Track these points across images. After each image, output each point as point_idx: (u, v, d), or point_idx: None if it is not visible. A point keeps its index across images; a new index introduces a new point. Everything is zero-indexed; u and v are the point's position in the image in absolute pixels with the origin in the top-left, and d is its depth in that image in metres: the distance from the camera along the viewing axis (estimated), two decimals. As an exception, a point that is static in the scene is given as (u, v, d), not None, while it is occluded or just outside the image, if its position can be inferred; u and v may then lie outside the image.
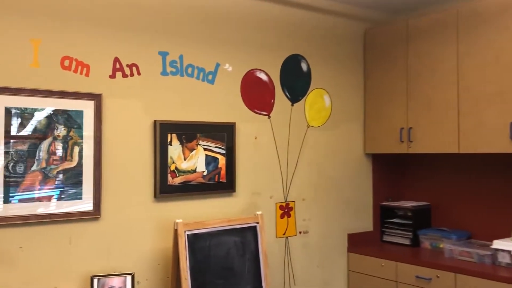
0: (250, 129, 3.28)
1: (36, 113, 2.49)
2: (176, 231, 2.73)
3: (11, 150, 2.42)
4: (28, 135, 2.47)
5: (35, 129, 2.49)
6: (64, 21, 2.58)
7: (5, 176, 2.39)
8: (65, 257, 2.57)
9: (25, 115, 2.47)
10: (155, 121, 2.87)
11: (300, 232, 3.49)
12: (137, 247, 2.79)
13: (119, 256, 2.73)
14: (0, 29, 2.41)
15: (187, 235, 2.75)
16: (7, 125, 2.41)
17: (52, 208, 2.52)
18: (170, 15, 2.95)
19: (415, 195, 3.87)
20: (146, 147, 2.85)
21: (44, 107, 2.52)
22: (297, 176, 3.50)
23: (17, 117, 2.44)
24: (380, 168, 3.93)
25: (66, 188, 2.57)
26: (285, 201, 3.45)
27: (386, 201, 3.87)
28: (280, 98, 3.44)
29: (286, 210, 3.45)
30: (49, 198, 2.52)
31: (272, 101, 3.41)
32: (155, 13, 2.89)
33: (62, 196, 2.56)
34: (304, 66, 3.57)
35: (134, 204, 2.79)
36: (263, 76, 3.37)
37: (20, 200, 2.43)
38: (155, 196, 2.87)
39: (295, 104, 3.51)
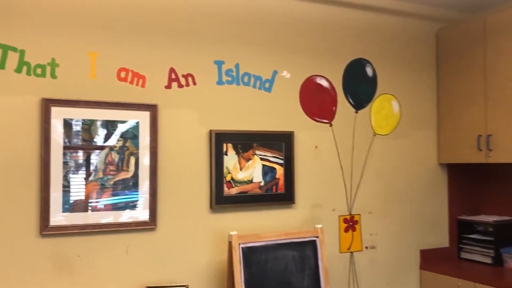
0: (310, 138, 3.14)
1: (93, 124, 2.55)
2: (230, 243, 2.66)
3: (69, 160, 2.48)
4: (86, 145, 2.53)
5: (92, 140, 2.54)
6: (120, 33, 2.63)
7: (63, 186, 2.46)
8: (122, 267, 2.58)
9: (83, 126, 2.53)
10: (210, 130, 2.83)
11: (366, 247, 3.28)
12: (192, 258, 2.75)
13: (174, 267, 2.70)
14: (60, 44, 2.49)
15: (242, 248, 2.66)
16: (66, 136, 2.48)
17: (109, 218, 2.55)
18: (225, 23, 2.91)
19: (496, 209, 3.50)
20: (201, 157, 2.81)
21: (101, 118, 2.57)
22: (363, 188, 3.29)
23: (76, 129, 2.50)
24: (457, 179, 3.61)
25: (122, 198, 2.60)
26: (350, 214, 3.25)
27: (464, 215, 3.54)
28: (343, 105, 3.27)
29: (350, 223, 3.25)
30: (106, 208, 2.55)
31: (334, 108, 3.25)
32: (210, 22, 2.87)
33: (119, 206, 2.58)
34: (369, 71, 3.38)
35: (190, 214, 2.76)
36: (324, 83, 3.22)
37: (78, 210, 2.48)
38: (210, 206, 2.82)
39: (359, 111, 3.33)
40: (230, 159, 2.88)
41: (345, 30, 3.28)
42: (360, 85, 3.33)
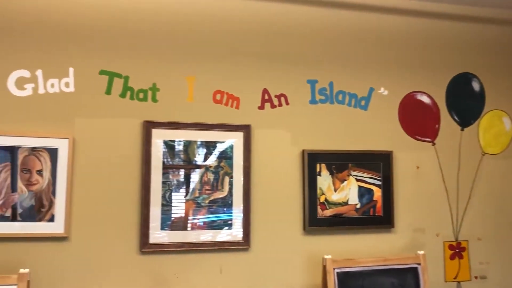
0: (411, 158, 2.97)
1: (190, 145, 2.63)
2: (324, 267, 2.57)
3: (168, 180, 2.58)
4: (183, 165, 2.61)
5: (189, 160, 2.62)
6: (215, 58, 2.71)
7: (162, 205, 2.56)
8: (216, 287, 2.60)
9: (181, 147, 2.62)
10: (303, 150, 2.79)
11: (475, 277, 2.99)
12: (285, 281, 2.70)
13: (267, 289, 2.67)
14: (160, 69, 2.62)
15: (337, 272, 2.56)
16: (165, 156, 2.58)
17: (204, 236, 2.60)
18: (318, 42, 2.88)
19: None
20: (294, 177, 2.78)
21: (198, 139, 2.64)
22: (471, 212, 3.03)
23: (174, 149, 2.60)
24: None
25: (217, 218, 2.64)
26: (456, 240, 3.00)
27: None
28: (447, 122, 3.05)
29: (457, 250, 3.00)
30: (201, 227, 2.61)
31: (437, 126, 3.04)
32: (303, 42, 2.86)
33: (214, 225, 2.62)
34: (475, 86, 3.13)
35: (283, 236, 2.73)
36: (425, 99, 3.04)
37: (176, 228, 2.56)
38: (304, 228, 2.76)
39: (465, 129, 3.08)
40: (324, 180, 2.80)
41: (446, 43, 3.08)
42: (466, 101, 3.10)
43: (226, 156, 2.68)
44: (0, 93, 2.39)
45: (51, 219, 2.38)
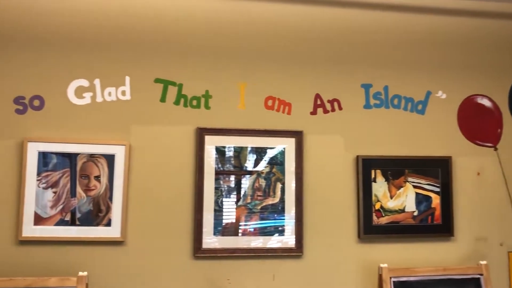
0: (471, 164, 2.83)
1: (242, 151, 2.63)
2: (380, 276, 2.50)
3: (220, 186, 2.59)
4: (235, 171, 2.62)
5: (241, 166, 2.62)
6: (266, 64, 2.70)
7: (215, 210, 2.57)
8: (268, 293, 2.58)
9: (233, 153, 2.63)
10: (357, 156, 2.73)
11: (544, 291, 2.81)
12: (339, 290, 2.64)
13: (318, 298, 2.62)
14: (213, 77, 2.65)
15: (393, 281, 2.48)
16: (217, 162, 2.60)
17: (255, 242, 2.59)
18: (372, 46, 2.81)
19: None
20: (348, 184, 2.72)
21: (249, 145, 2.64)
22: (538, 220, 2.85)
23: (226, 155, 2.61)
24: None
25: (268, 224, 2.62)
26: (522, 250, 2.83)
27: None
28: (510, 126, 2.90)
29: (523, 261, 2.82)
30: (253, 233, 2.60)
31: (499, 130, 2.90)
32: (356, 46, 2.80)
33: (265, 232, 2.61)
34: (541, 87, 2.96)
35: (336, 243, 2.67)
36: (486, 102, 2.90)
37: (228, 233, 2.57)
38: (358, 236, 2.69)
39: (531, 133, 2.91)
40: (379, 187, 2.72)
41: (508, 44, 2.92)
42: (531, 103, 2.93)
43: (278, 162, 2.66)
44: (61, 102, 2.48)
45: (108, 224, 2.44)
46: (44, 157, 2.41)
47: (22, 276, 2.26)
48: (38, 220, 2.38)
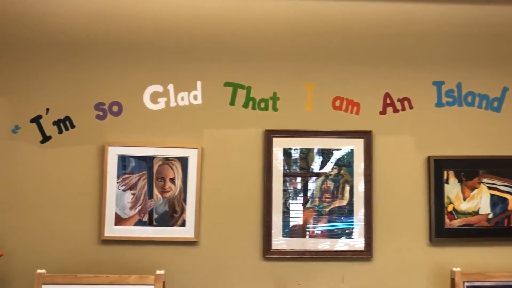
0: (552, 164, 2.68)
1: (310, 153, 2.65)
2: (453, 280, 2.45)
3: (288, 187, 2.63)
4: (303, 173, 2.64)
5: (309, 168, 2.64)
6: (334, 64, 2.69)
7: (283, 212, 2.61)
8: (337, 294, 2.61)
9: (301, 154, 2.65)
10: (428, 157, 2.67)
11: None
12: (410, 293, 2.61)
13: (391, 301, 2.61)
14: (280, 78, 2.67)
15: (467, 286, 2.42)
16: (285, 164, 2.63)
17: (324, 245, 2.61)
18: (443, 40, 2.72)
19: None
20: (419, 185, 2.66)
21: (317, 147, 2.65)
22: None
23: (294, 157, 2.64)
24: None
25: (337, 226, 2.63)
26: None
27: None
28: None
29: None
30: (322, 235, 2.62)
31: None
32: (427, 43, 2.72)
33: (334, 234, 2.62)
34: None
35: (407, 246, 2.63)
36: None
37: (296, 235, 2.61)
38: (430, 239, 2.64)
39: None
40: (452, 188, 2.65)
41: None
42: None
43: (346, 164, 2.65)
44: (138, 107, 2.61)
45: (183, 224, 2.55)
46: (123, 160, 2.55)
47: (105, 273, 2.42)
48: (118, 220, 2.53)
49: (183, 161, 2.58)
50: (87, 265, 2.50)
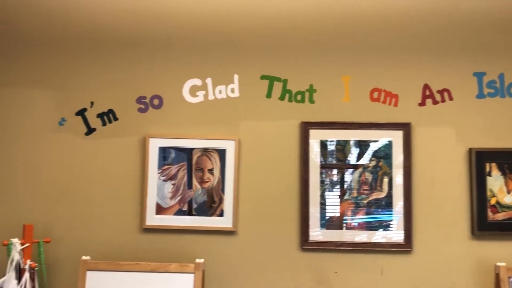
0: None
1: (347, 144, 2.64)
2: (497, 275, 2.38)
3: (325, 179, 2.63)
4: (340, 165, 2.64)
5: (346, 160, 2.64)
6: (371, 55, 2.68)
7: (320, 204, 2.61)
8: None
9: (337, 146, 2.65)
10: (470, 149, 2.61)
11: None
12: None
13: (431, 295, 2.56)
14: (317, 71, 2.68)
15: (512, 282, 2.35)
16: (322, 156, 2.64)
17: (362, 237, 2.59)
18: (484, 30, 2.66)
19: None
20: (460, 178, 2.61)
21: (354, 139, 2.64)
22: None
23: (330, 149, 2.64)
24: None
25: (376, 218, 2.61)
26: None
27: None
28: None
29: None
30: (360, 227, 2.60)
31: None
32: (465, 32, 2.66)
33: (372, 226, 2.60)
34: None
35: (448, 240, 2.58)
36: None
37: (333, 227, 2.60)
38: (472, 233, 2.58)
39: None
40: (495, 181, 2.58)
41: None
42: None
43: (384, 156, 2.63)
44: (177, 100, 2.68)
45: (221, 214, 2.60)
46: (163, 152, 2.63)
47: (146, 261, 2.49)
48: (159, 209, 2.60)
49: (221, 153, 2.62)
50: (129, 253, 2.58)
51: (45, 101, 2.68)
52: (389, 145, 2.64)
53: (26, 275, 2.30)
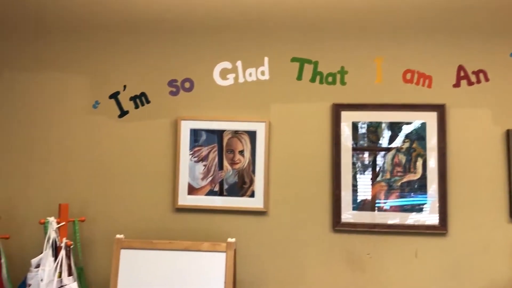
0: None
1: (379, 126, 2.61)
2: (537, 258, 2.29)
3: (357, 161, 2.60)
4: (372, 147, 2.60)
5: (378, 142, 2.60)
6: (404, 36, 2.64)
7: (352, 185, 2.58)
8: (411, 271, 2.53)
9: (370, 128, 2.61)
10: (507, 130, 2.54)
11: None
12: (487, 272, 2.49)
13: (466, 279, 2.49)
14: (348, 52, 2.66)
15: (553, 264, 2.26)
16: (354, 138, 2.61)
17: (395, 219, 2.55)
18: (523, 8, 2.58)
19: None
20: (497, 159, 2.54)
21: (387, 120, 2.60)
22: None
23: (362, 131, 2.61)
24: None
25: (410, 200, 2.56)
26: None
27: None
28: None
29: None
30: (392, 209, 2.56)
31: None
32: (503, 11, 2.59)
33: (405, 208, 2.55)
34: None
35: (485, 223, 2.51)
36: None
37: (365, 209, 2.57)
38: (510, 216, 2.50)
39: None
40: (534, 162, 2.50)
41: None
42: None
43: (418, 137, 2.58)
44: (208, 83, 2.69)
45: (252, 195, 2.59)
46: (194, 133, 2.64)
47: (179, 239, 2.50)
48: (191, 190, 2.62)
49: (252, 135, 2.62)
50: (162, 232, 2.61)
51: (79, 85, 2.74)
52: (423, 127, 2.59)
53: (62, 253, 2.35)
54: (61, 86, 2.75)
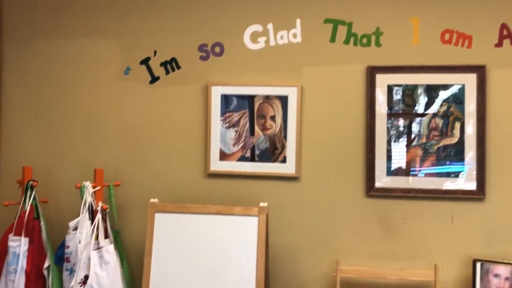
0: None
1: (416, 89, 2.52)
2: None
3: (392, 125, 2.53)
4: (408, 110, 2.53)
5: (415, 105, 2.52)
6: (443, -7, 2.52)
7: (387, 150, 2.53)
8: (446, 236, 2.49)
9: (406, 91, 2.53)
10: (553, 91, 2.41)
11: None
12: (528, 237, 2.42)
13: (504, 243, 2.43)
14: (384, 12, 2.56)
15: None
16: (389, 102, 2.53)
17: (432, 184, 2.49)
18: None
19: None
20: (541, 123, 2.43)
21: (424, 83, 2.52)
22: None
23: (398, 94, 2.53)
24: None
25: (447, 165, 2.49)
26: None
27: None
28: None
29: None
30: (429, 174, 2.50)
31: None
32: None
33: (442, 173, 2.49)
34: None
35: (525, 188, 2.43)
36: None
37: (401, 174, 2.51)
38: (552, 180, 2.41)
39: None
40: None
41: None
42: None
43: (456, 100, 2.49)
44: (238, 47, 2.65)
45: (284, 161, 2.58)
46: (225, 99, 2.62)
47: (212, 204, 2.52)
48: (223, 156, 2.62)
49: (283, 100, 2.58)
50: (195, 196, 2.63)
51: (110, 51, 2.74)
52: (461, 90, 2.49)
53: (98, 216, 2.40)
54: (92, 53, 2.75)
